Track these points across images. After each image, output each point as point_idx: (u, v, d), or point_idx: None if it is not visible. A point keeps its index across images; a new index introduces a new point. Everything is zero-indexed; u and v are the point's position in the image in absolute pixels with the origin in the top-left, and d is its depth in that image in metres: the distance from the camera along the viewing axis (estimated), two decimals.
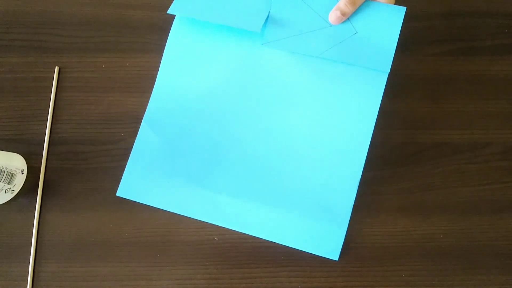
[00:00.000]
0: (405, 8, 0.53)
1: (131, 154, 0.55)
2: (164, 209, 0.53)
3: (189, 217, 0.53)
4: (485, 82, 0.60)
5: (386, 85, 0.52)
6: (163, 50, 0.58)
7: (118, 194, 0.54)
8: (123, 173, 0.55)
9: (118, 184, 0.55)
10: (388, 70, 0.52)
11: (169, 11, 0.56)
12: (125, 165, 0.55)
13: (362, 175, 0.51)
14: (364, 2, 0.55)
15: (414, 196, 0.55)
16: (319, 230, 0.52)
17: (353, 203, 0.52)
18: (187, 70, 0.57)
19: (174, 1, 0.57)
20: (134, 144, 0.56)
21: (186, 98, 0.56)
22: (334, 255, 0.52)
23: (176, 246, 0.53)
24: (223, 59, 0.56)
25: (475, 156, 0.56)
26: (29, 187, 0.55)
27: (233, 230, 0.53)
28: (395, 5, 0.54)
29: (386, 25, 0.53)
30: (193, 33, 0.57)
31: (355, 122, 0.53)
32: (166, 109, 0.56)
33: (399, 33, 0.53)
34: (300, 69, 0.54)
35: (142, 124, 0.56)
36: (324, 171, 0.53)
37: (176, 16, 0.58)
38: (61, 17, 0.63)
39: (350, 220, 0.52)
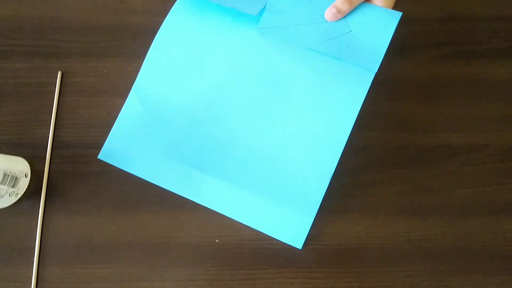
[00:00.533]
0: (400, 13, 0.54)
1: (116, 119, 0.57)
2: (140, 177, 0.55)
3: (192, 217, 0.54)
4: (482, 85, 0.60)
5: (382, 87, 0.52)
6: None
7: (99, 157, 0.56)
8: (125, 176, 0.56)
9: (121, 187, 0.56)
10: (376, 70, 0.52)
11: None
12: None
13: (360, 178, 0.52)
14: (362, 3, 0.56)
15: (412, 198, 0.56)
16: (287, 216, 0.53)
17: (323, 194, 0.52)
18: (182, 46, 0.58)
19: None
20: (121, 111, 0.57)
21: (176, 73, 0.57)
22: (298, 243, 0.53)
23: (177, 248, 0.54)
24: (217, 42, 0.58)
25: (472, 158, 0.57)
26: (32, 191, 0.56)
27: (234, 232, 0.54)
28: (392, 10, 0.55)
29: (380, 28, 0.54)
30: (191, 13, 0.59)
31: (336, 115, 0.53)
32: (155, 81, 0.58)
33: (391, 36, 0.53)
34: (290, 59, 0.55)
35: (130, 92, 0.58)
36: (299, 160, 0.54)
37: None
38: (63, 23, 0.64)
39: (347, 221, 0.52)
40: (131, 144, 0.56)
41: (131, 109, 0.57)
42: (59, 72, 0.61)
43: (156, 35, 0.58)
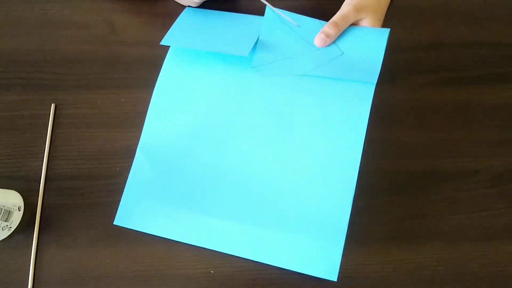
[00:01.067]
0: (388, 29, 0.55)
1: (127, 182, 0.56)
2: (160, 235, 0.54)
3: (186, 248, 0.54)
4: (472, 111, 0.61)
5: (375, 115, 0.53)
6: None
7: (115, 223, 0.55)
8: (118, 209, 0.55)
9: (114, 219, 0.55)
10: (375, 82, 0.53)
11: (162, 42, 0.58)
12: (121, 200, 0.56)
13: (353, 205, 0.51)
14: (349, 27, 0.57)
15: (406, 225, 0.56)
16: (315, 250, 0.51)
17: (348, 219, 0.51)
18: (179, 98, 0.58)
19: (167, 33, 0.59)
20: (130, 173, 0.56)
21: (179, 124, 0.57)
22: (332, 276, 0.50)
23: (172, 280, 0.54)
24: (214, 86, 0.58)
25: (464, 184, 0.57)
26: (25, 224, 0.55)
27: (229, 263, 0.53)
28: (379, 28, 0.56)
29: (371, 45, 0.55)
30: (185, 63, 0.59)
31: (345, 134, 0.53)
32: (159, 137, 0.57)
33: (384, 49, 0.55)
34: (288, 89, 0.56)
35: (136, 152, 0.57)
36: (316, 188, 0.52)
37: (169, 48, 0.60)
38: (57, 55, 0.64)
39: (343, 249, 0.52)
40: (145, 204, 0.55)
41: (139, 170, 0.56)
42: (52, 104, 0.61)
43: (154, 91, 0.58)
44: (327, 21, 0.58)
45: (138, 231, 0.54)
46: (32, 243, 0.55)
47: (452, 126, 0.60)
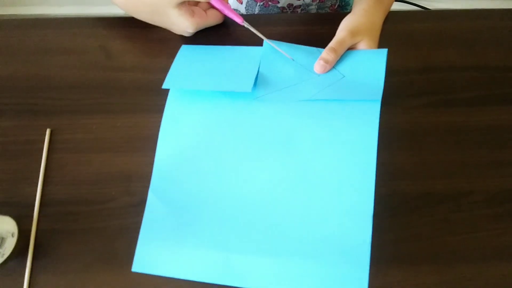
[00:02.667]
0: (386, 49, 0.56)
1: (141, 226, 0.54)
2: (180, 278, 0.52)
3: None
4: (464, 132, 0.62)
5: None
6: (152, 110, 0.60)
7: (133, 269, 0.52)
8: (114, 233, 0.55)
9: (110, 244, 0.55)
10: (380, 98, 0.54)
11: (163, 86, 0.59)
12: (117, 224, 0.56)
13: None
14: (347, 51, 0.58)
15: (402, 247, 0.56)
16: (340, 275, 0.49)
17: (370, 240, 0.50)
18: (185, 135, 0.58)
19: (167, 76, 0.60)
20: (144, 216, 0.55)
21: (187, 161, 0.57)
22: None
23: None
24: (218, 118, 0.58)
25: (459, 205, 0.58)
26: (19, 250, 0.54)
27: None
28: (376, 49, 0.58)
29: (371, 65, 0.57)
30: (187, 100, 0.60)
31: (357, 154, 0.53)
32: (169, 175, 0.56)
33: (385, 68, 0.56)
34: (293, 115, 0.56)
35: (148, 195, 0.56)
36: (334, 213, 0.51)
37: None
38: (52, 81, 0.65)
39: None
40: (161, 247, 0.53)
41: (152, 212, 0.55)
42: (47, 130, 0.61)
43: (159, 134, 0.58)
44: (323, 47, 0.59)
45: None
46: (25, 270, 0.54)
47: (444, 147, 0.61)
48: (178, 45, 0.65)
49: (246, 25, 0.62)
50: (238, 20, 0.62)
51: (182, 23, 0.62)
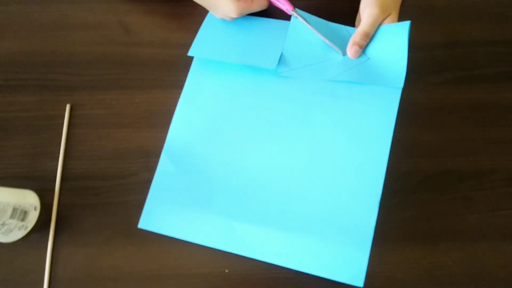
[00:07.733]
0: (409, 22, 0.55)
1: (151, 185, 0.56)
2: (184, 239, 0.53)
3: (200, 248, 0.53)
4: (487, 110, 0.61)
5: None
6: (171, 85, 0.60)
7: (139, 226, 0.54)
8: (134, 207, 0.56)
9: (129, 218, 0.55)
10: (401, 86, 0.54)
11: (189, 54, 0.59)
12: (137, 199, 0.56)
13: None
14: None
15: (422, 224, 0.55)
16: (340, 254, 0.50)
17: (374, 223, 0.50)
18: (204, 102, 0.59)
19: (192, 44, 0.60)
20: (154, 176, 0.56)
21: (205, 128, 0.57)
22: (358, 281, 0.49)
23: (187, 279, 0.54)
24: (239, 91, 0.58)
25: (480, 183, 0.57)
26: (41, 223, 0.56)
27: (244, 262, 0.53)
28: (399, 23, 0.56)
29: (394, 46, 0.56)
30: (210, 69, 0.60)
31: (372, 138, 0.53)
32: (184, 140, 0.57)
33: (407, 49, 0.55)
34: (313, 93, 0.57)
35: (161, 155, 0.57)
36: (342, 192, 0.52)
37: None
38: (71, 57, 0.65)
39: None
40: (169, 208, 0.54)
41: (164, 173, 0.56)
42: (67, 105, 0.62)
43: (180, 97, 0.59)
44: (341, 23, 0.58)
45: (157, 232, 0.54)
46: (47, 243, 0.55)
47: (467, 125, 0.60)
48: (197, 20, 0.64)
49: (295, 14, 0.59)
50: (289, 7, 0.59)
51: (226, 6, 0.59)
